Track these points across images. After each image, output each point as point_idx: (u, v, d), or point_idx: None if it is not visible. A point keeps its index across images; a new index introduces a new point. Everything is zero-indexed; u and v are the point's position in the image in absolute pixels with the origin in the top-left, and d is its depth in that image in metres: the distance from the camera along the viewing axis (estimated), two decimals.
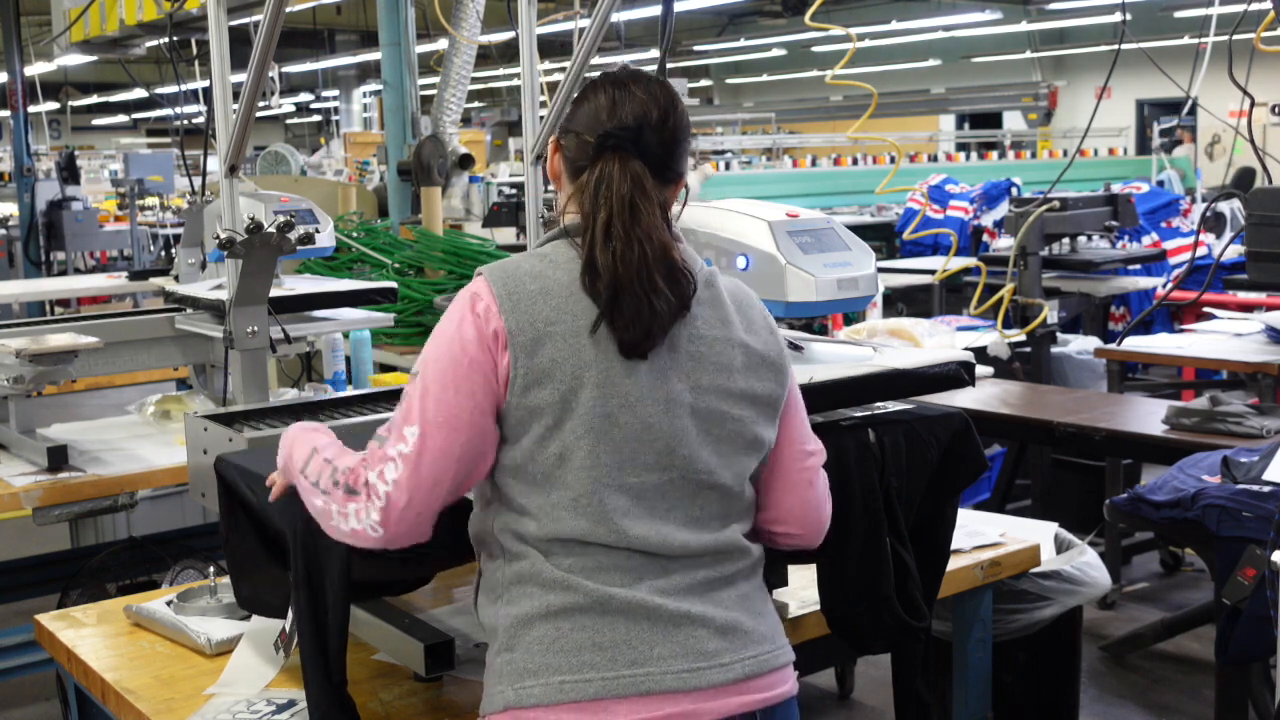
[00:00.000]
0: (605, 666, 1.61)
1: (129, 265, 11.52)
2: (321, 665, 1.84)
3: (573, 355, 1.65)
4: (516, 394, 1.65)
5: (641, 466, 1.67)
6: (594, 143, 1.74)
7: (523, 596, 1.67)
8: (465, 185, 6.37)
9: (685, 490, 1.70)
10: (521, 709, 1.62)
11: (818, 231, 2.37)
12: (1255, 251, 5.19)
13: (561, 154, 1.82)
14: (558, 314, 1.66)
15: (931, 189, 9.47)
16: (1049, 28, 19.78)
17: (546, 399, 1.64)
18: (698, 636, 1.66)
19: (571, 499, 1.64)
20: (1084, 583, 3.27)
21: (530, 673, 1.62)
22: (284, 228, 2.67)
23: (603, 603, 1.63)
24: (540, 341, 1.65)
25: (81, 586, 3.78)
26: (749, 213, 2.37)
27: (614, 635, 1.62)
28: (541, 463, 1.65)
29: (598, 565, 1.65)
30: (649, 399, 1.67)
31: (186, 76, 5.22)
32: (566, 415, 1.64)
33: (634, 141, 1.74)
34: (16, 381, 3.34)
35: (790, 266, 2.27)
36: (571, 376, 1.64)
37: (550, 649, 1.63)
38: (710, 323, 1.74)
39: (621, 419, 1.65)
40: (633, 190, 1.71)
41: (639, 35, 14.98)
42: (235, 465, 2.11)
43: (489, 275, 1.70)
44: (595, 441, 1.64)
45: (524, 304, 1.66)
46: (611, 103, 1.76)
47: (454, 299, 1.72)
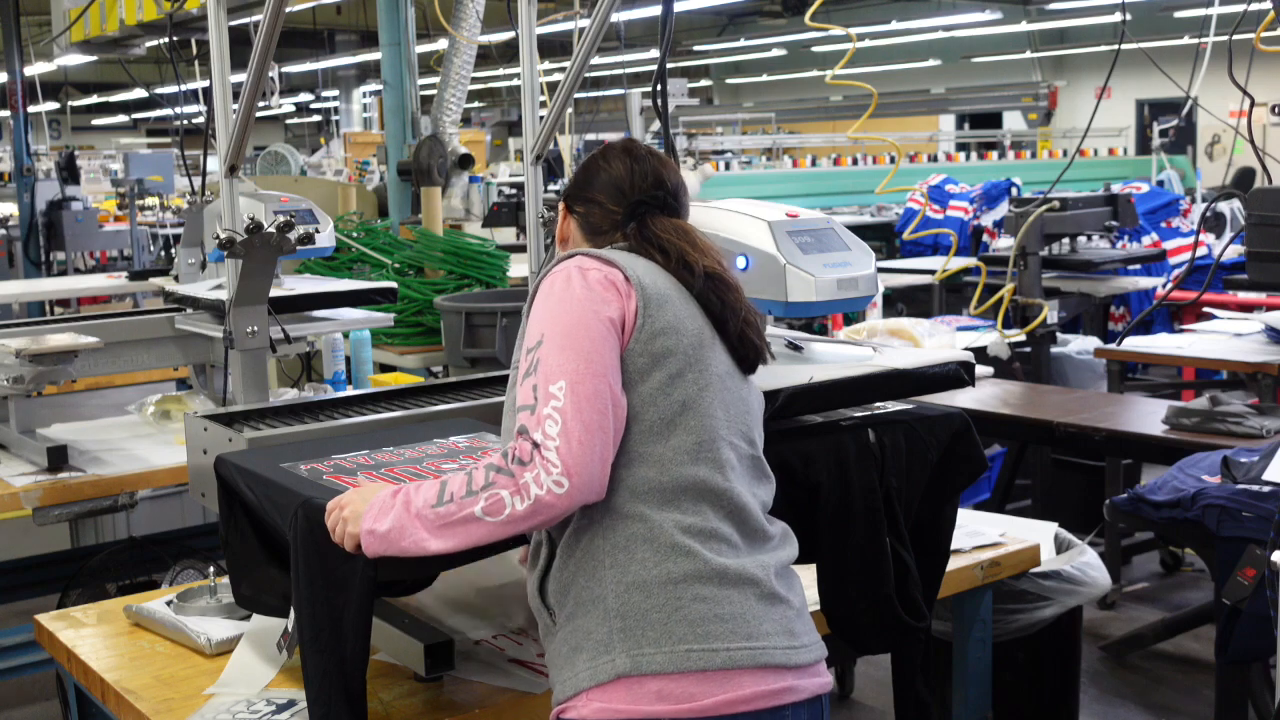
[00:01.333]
0: (729, 638, 1.63)
1: (129, 265, 11.51)
2: (324, 667, 1.83)
3: (690, 320, 1.76)
4: (642, 340, 1.72)
5: (738, 435, 1.78)
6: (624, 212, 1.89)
7: (634, 562, 1.65)
8: (465, 185, 6.37)
9: (757, 473, 1.82)
10: (640, 676, 1.60)
11: (818, 232, 2.37)
12: (1255, 251, 5.19)
13: (577, 220, 1.95)
14: (668, 291, 1.77)
15: (931, 189, 9.46)
16: (1049, 28, 19.78)
17: (672, 347, 1.72)
18: (788, 616, 1.72)
19: (695, 444, 1.71)
20: (1084, 583, 3.27)
21: (651, 640, 1.61)
22: (284, 228, 2.67)
23: (720, 573, 1.66)
24: (665, 300, 1.75)
25: (81, 586, 3.77)
26: (749, 213, 2.37)
27: (732, 608, 1.65)
28: (664, 408, 1.70)
29: (711, 531, 1.69)
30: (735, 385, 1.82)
31: (186, 76, 5.23)
32: (689, 368, 1.73)
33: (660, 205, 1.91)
34: (16, 381, 3.34)
35: (790, 267, 2.28)
36: (693, 334, 1.75)
37: (673, 617, 1.62)
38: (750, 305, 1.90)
39: (730, 384, 1.78)
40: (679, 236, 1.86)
41: (639, 35, 14.98)
42: (235, 465, 2.10)
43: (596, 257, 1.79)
44: (715, 396, 1.74)
45: (638, 272, 1.76)
46: (629, 172, 1.91)
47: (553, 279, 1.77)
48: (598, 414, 1.63)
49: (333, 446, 2.24)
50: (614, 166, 1.92)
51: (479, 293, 5.27)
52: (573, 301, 1.71)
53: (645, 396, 1.70)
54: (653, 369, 1.71)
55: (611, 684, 1.62)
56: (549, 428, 1.61)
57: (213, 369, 4.02)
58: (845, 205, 11.30)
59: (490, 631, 2.28)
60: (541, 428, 1.62)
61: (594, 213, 1.92)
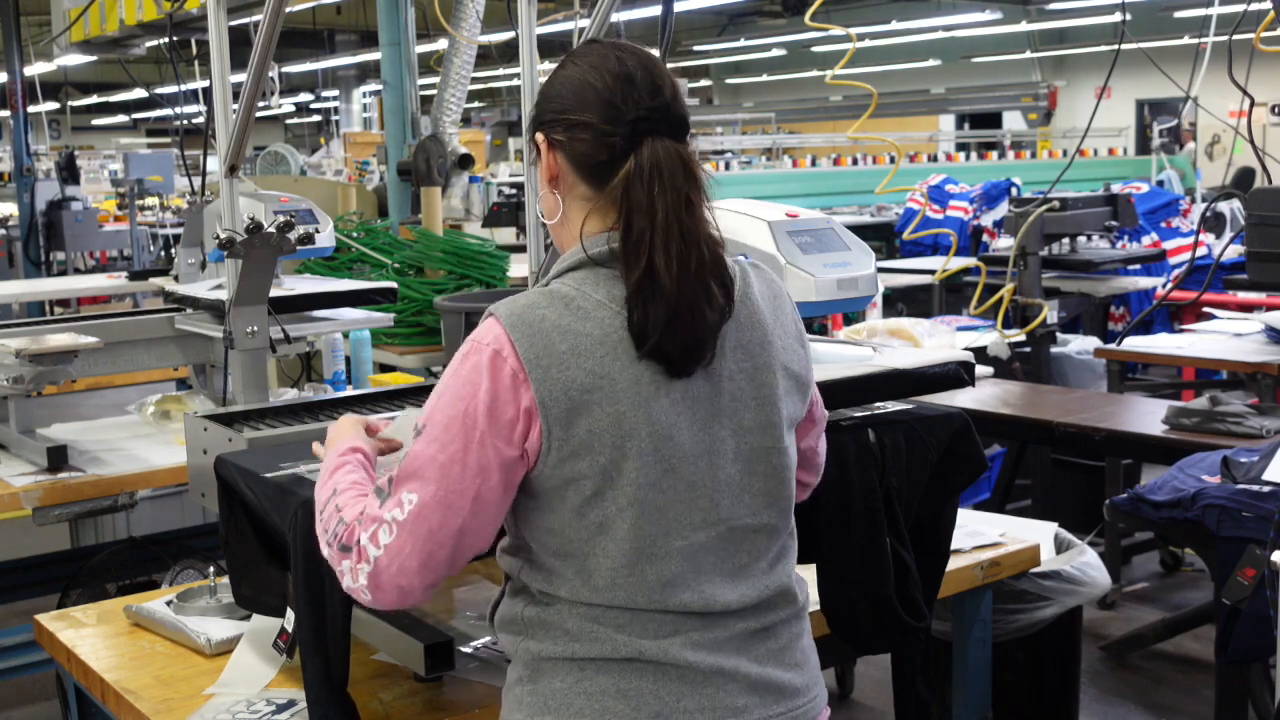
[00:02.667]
0: (628, 716, 1.53)
1: (129, 265, 11.52)
2: (322, 667, 1.83)
3: (613, 425, 1.49)
4: (551, 465, 1.50)
5: (687, 527, 1.55)
6: (620, 131, 1.53)
7: (547, 637, 1.57)
8: (465, 185, 6.37)
9: (731, 540, 1.59)
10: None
11: (817, 231, 2.37)
12: (1255, 251, 5.19)
13: (562, 151, 1.58)
14: (593, 379, 1.49)
15: (931, 189, 9.46)
16: (1049, 28, 19.78)
17: (585, 470, 1.50)
18: (728, 691, 1.57)
19: (610, 569, 1.52)
20: (1084, 583, 3.27)
21: (550, 709, 1.55)
22: (284, 228, 2.67)
23: (631, 658, 1.54)
24: (576, 412, 1.49)
25: (81, 586, 3.77)
26: (749, 213, 2.37)
27: (640, 685, 1.53)
28: (579, 531, 1.52)
29: (630, 621, 1.54)
30: (693, 455, 1.54)
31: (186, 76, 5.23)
32: (607, 486, 1.50)
33: (665, 120, 1.54)
34: (16, 381, 3.34)
35: (790, 267, 2.27)
36: (612, 447, 1.49)
37: (573, 690, 1.54)
38: (751, 349, 1.59)
39: (665, 484, 1.52)
40: (686, 182, 1.52)
41: (639, 35, 14.96)
42: (235, 465, 2.11)
43: (510, 330, 1.50)
44: (639, 513, 1.51)
45: (555, 369, 1.48)
46: (616, 79, 1.55)
47: (466, 346, 1.53)
48: (432, 546, 1.50)
49: None
50: (590, 73, 1.55)
51: (479, 293, 5.27)
52: (467, 409, 1.49)
53: (561, 519, 1.53)
54: (565, 492, 1.51)
55: None
56: (381, 535, 1.50)
57: (213, 369, 4.02)
58: (845, 205, 11.30)
59: (491, 633, 2.28)
60: (372, 529, 1.51)
61: (581, 139, 1.55)
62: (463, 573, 2.54)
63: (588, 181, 1.57)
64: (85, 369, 3.65)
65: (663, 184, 1.51)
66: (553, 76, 1.61)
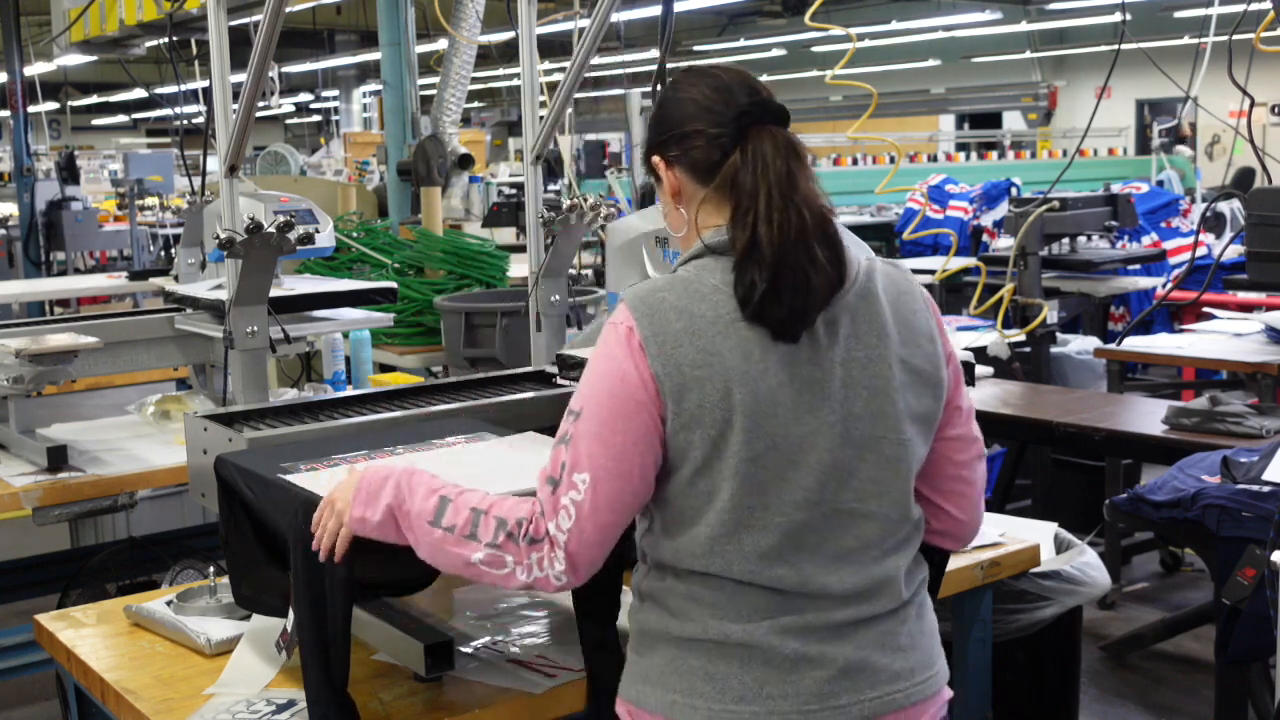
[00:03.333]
0: (714, 697, 1.63)
1: (129, 265, 11.52)
2: (322, 667, 1.84)
3: (720, 401, 1.59)
4: (669, 435, 1.62)
5: (788, 504, 1.62)
6: (727, 129, 1.66)
7: (652, 611, 1.70)
8: (465, 185, 6.37)
9: (835, 524, 1.65)
10: (641, 710, 1.69)
11: None
12: (1255, 251, 5.19)
13: (679, 167, 1.71)
14: (704, 356, 1.59)
15: (931, 189, 9.47)
16: (1049, 28, 19.79)
17: (696, 441, 1.60)
18: (815, 678, 1.64)
19: (710, 537, 1.62)
20: (1084, 583, 3.27)
21: (649, 681, 1.68)
22: (284, 228, 2.67)
23: (719, 642, 1.64)
24: (687, 387, 1.60)
25: (81, 586, 3.77)
26: None
27: (726, 669, 1.63)
28: (690, 499, 1.63)
29: (726, 599, 1.64)
30: (796, 436, 1.61)
31: (186, 76, 5.22)
32: (715, 457, 1.61)
33: (766, 110, 1.67)
34: (16, 381, 3.34)
35: None
36: (719, 421, 1.59)
37: (668, 668, 1.67)
38: (866, 340, 1.66)
39: (767, 460, 1.61)
40: (788, 159, 1.64)
41: (639, 35, 14.97)
42: (235, 465, 2.11)
43: (634, 310, 1.63)
44: (740, 484, 1.60)
45: (669, 346, 1.60)
46: (714, 90, 1.69)
47: (605, 329, 1.67)
48: (613, 514, 1.63)
49: (333, 446, 2.25)
50: (692, 92, 1.69)
51: (479, 293, 5.28)
52: (614, 383, 1.62)
53: (676, 487, 1.64)
54: (681, 462, 1.63)
55: (623, 703, 1.73)
56: (563, 520, 1.62)
57: (213, 369, 4.02)
58: (845, 205, 11.31)
59: (490, 632, 2.28)
60: (556, 518, 1.63)
61: (695, 146, 1.68)
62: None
63: (704, 185, 1.70)
64: (85, 369, 3.65)
65: (765, 163, 1.63)
66: (656, 108, 1.77)
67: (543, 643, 2.24)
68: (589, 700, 2.03)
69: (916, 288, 1.76)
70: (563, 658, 2.15)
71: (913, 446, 1.70)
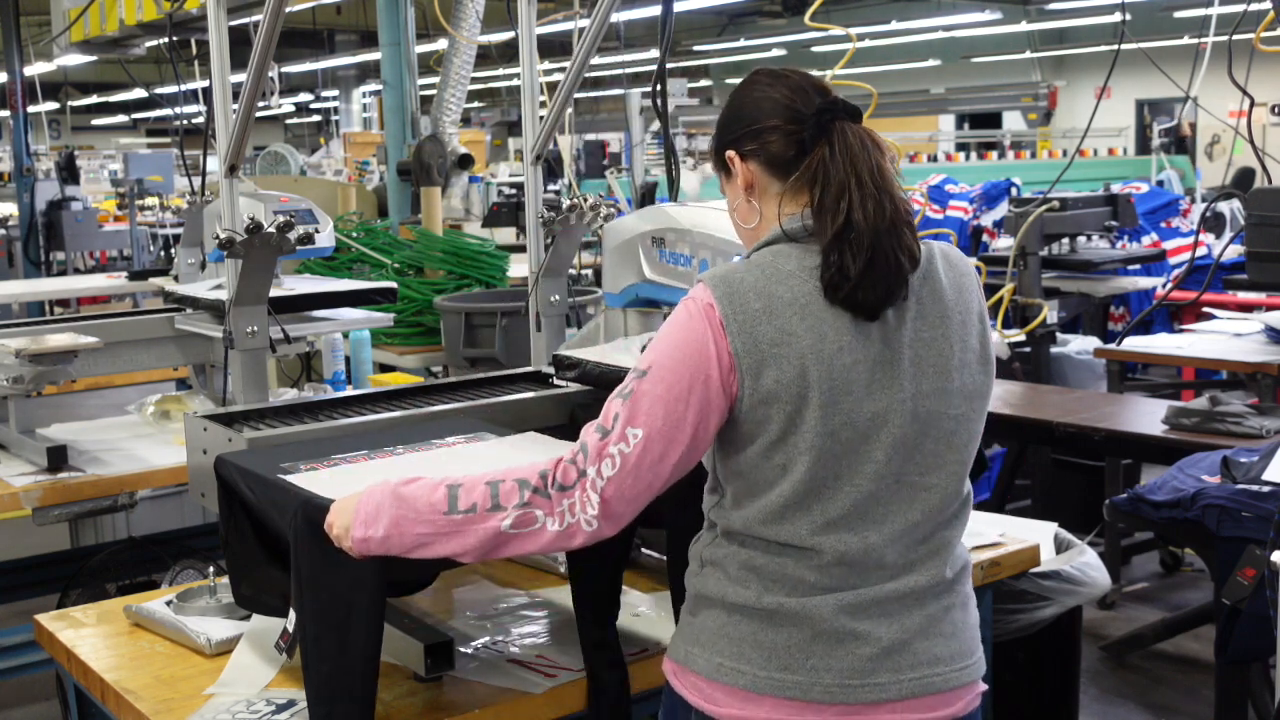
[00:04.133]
0: (759, 664, 1.69)
1: (129, 265, 11.52)
2: (345, 676, 1.83)
3: (797, 378, 1.64)
4: (743, 411, 1.66)
5: (859, 476, 1.68)
6: (808, 123, 1.71)
7: (710, 577, 1.75)
8: (465, 185, 6.38)
9: (900, 495, 1.72)
10: (687, 670, 1.75)
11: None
12: (1255, 251, 5.19)
13: (755, 159, 1.77)
14: (781, 335, 1.65)
15: (931, 189, 9.45)
16: (1049, 28, 19.79)
17: (772, 416, 1.66)
18: (859, 655, 1.69)
19: (782, 505, 1.68)
20: (1084, 583, 3.27)
21: (699, 643, 1.74)
22: (284, 228, 2.67)
23: (772, 611, 1.70)
24: (764, 364, 1.65)
25: (81, 586, 3.77)
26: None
27: (774, 638, 1.69)
28: (764, 471, 1.69)
29: (783, 573, 1.70)
30: (869, 412, 1.67)
31: (186, 76, 5.22)
32: (791, 432, 1.66)
33: (844, 109, 1.73)
34: (16, 381, 3.34)
35: None
36: (796, 397, 1.65)
37: (718, 632, 1.72)
38: (931, 320, 1.73)
39: (843, 435, 1.67)
40: (876, 151, 1.71)
41: (639, 35, 14.97)
42: (235, 465, 2.10)
43: (714, 289, 1.67)
44: (815, 458, 1.66)
45: (748, 324, 1.65)
46: (790, 90, 1.75)
47: (680, 305, 1.71)
48: (655, 478, 1.67)
49: (333, 446, 2.25)
50: (768, 91, 1.76)
51: (479, 293, 5.28)
52: (689, 351, 1.66)
53: (750, 459, 1.69)
54: (757, 435, 1.67)
55: (673, 664, 1.79)
56: (605, 468, 1.65)
57: (213, 369, 4.02)
58: None
59: (490, 632, 2.28)
60: (599, 464, 1.66)
61: (772, 141, 1.74)
62: (463, 572, 2.55)
63: (780, 178, 1.76)
64: (85, 369, 3.65)
65: (855, 153, 1.69)
66: (727, 107, 1.81)
67: (543, 643, 2.24)
68: (589, 700, 2.03)
69: (970, 268, 1.83)
70: (563, 658, 2.15)
71: (968, 422, 1.78)
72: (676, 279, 2.51)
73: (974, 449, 1.81)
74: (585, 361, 2.49)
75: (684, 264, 2.46)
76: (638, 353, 2.36)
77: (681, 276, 2.49)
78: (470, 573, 2.58)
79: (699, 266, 2.40)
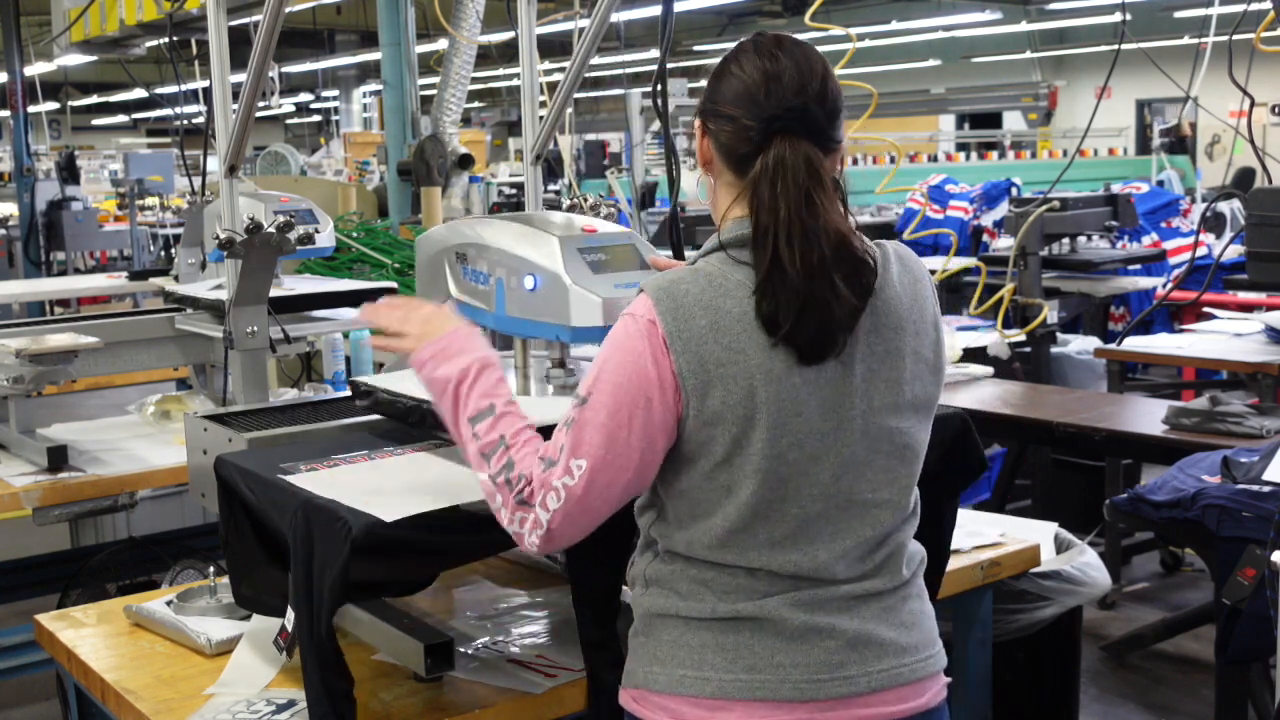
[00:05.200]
0: (724, 668, 1.65)
1: (129, 265, 11.52)
2: (318, 668, 1.83)
3: (745, 399, 1.60)
4: (687, 432, 1.62)
5: (806, 497, 1.64)
6: (756, 127, 1.62)
7: (661, 595, 1.71)
8: (465, 185, 6.37)
9: (850, 513, 1.68)
10: (649, 691, 1.70)
11: (616, 249, 2.14)
12: (1255, 251, 5.19)
13: (713, 139, 1.70)
14: (728, 354, 1.60)
15: (931, 189, 9.45)
16: (1049, 28, 19.79)
17: (717, 438, 1.61)
18: (825, 648, 1.66)
19: (726, 529, 1.64)
20: (1084, 583, 3.27)
21: (658, 660, 1.69)
22: (284, 228, 2.67)
23: (729, 619, 1.67)
24: (710, 384, 1.60)
25: (81, 586, 3.77)
26: (543, 228, 2.16)
27: (737, 640, 1.66)
28: (708, 492, 1.64)
29: (735, 585, 1.66)
30: (819, 432, 1.63)
31: (186, 76, 5.22)
32: (736, 453, 1.62)
33: (800, 120, 1.63)
34: (16, 381, 3.34)
35: (575, 288, 2.04)
36: (743, 419, 1.60)
37: (676, 644, 1.68)
38: (884, 333, 1.67)
39: (790, 456, 1.62)
40: (809, 180, 1.61)
41: (639, 35, 14.98)
42: (235, 465, 2.11)
43: (656, 303, 1.61)
44: (761, 480, 1.62)
45: (694, 343, 1.60)
46: (765, 76, 1.64)
47: (621, 319, 1.65)
48: (602, 503, 1.63)
49: (333, 446, 2.25)
50: (746, 69, 1.66)
51: None
52: (629, 376, 1.60)
53: (692, 480, 1.65)
54: (699, 457, 1.63)
55: (634, 690, 1.74)
56: (550, 500, 1.62)
57: (213, 369, 4.02)
58: None
59: (490, 632, 2.28)
60: (544, 495, 1.62)
61: (726, 130, 1.66)
62: (462, 572, 2.55)
63: (733, 170, 1.68)
64: (85, 369, 3.65)
65: (785, 182, 1.60)
66: (718, 67, 1.73)
67: (543, 643, 2.24)
68: (589, 700, 2.03)
69: (925, 273, 1.77)
70: (563, 658, 2.15)
71: (919, 433, 1.73)
72: (478, 298, 2.24)
73: (922, 460, 1.75)
74: (375, 389, 2.27)
75: (483, 282, 2.22)
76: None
77: (482, 296, 2.22)
78: (470, 572, 2.58)
79: (495, 286, 2.18)
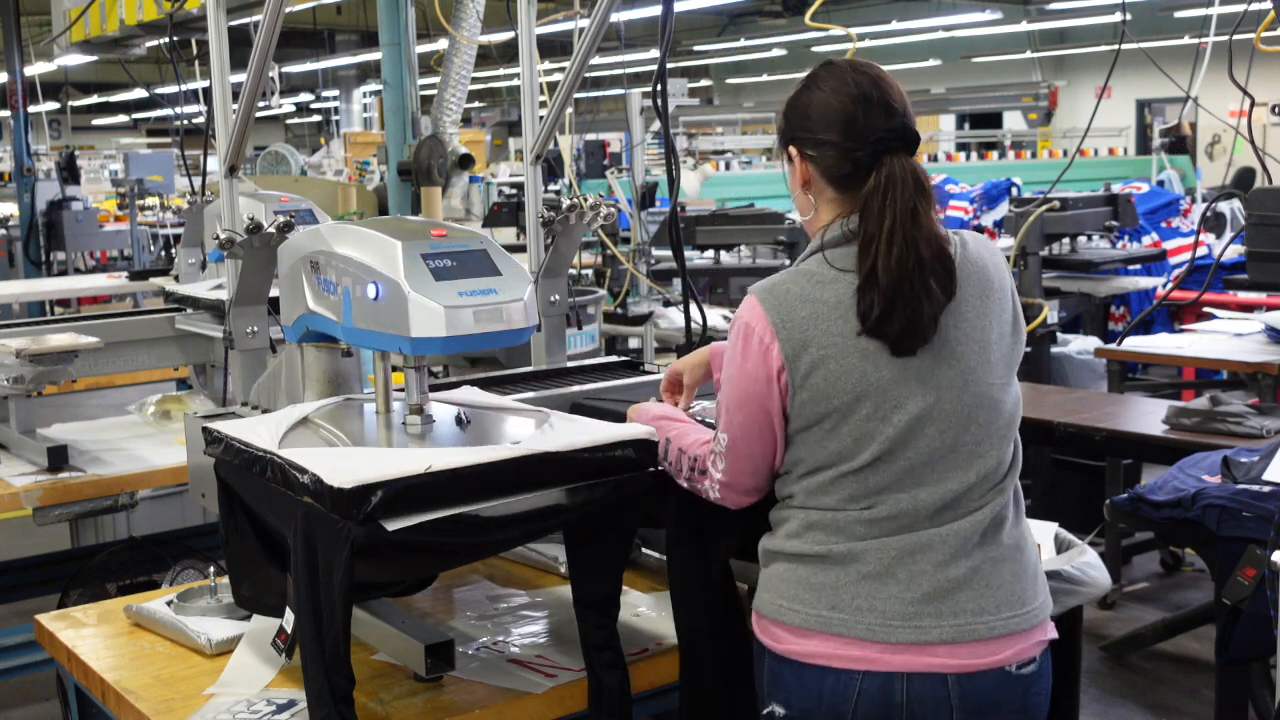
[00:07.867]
0: (810, 603, 1.86)
1: (129, 265, 11.52)
2: (322, 669, 1.83)
3: (845, 375, 1.82)
4: (796, 407, 1.85)
5: (913, 451, 1.83)
6: (863, 149, 1.83)
7: (777, 534, 1.94)
8: (465, 185, 6.36)
9: (956, 462, 1.85)
10: (759, 614, 1.94)
11: (462, 254, 2.04)
12: (1255, 251, 5.20)
13: (812, 164, 1.90)
14: (828, 338, 1.82)
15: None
16: (1049, 28, 19.79)
17: (824, 411, 1.84)
18: (902, 598, 1.83)
19: (835, 479, 1.85)
20: (1084, 583, 3.26)
21: (767, 588, 1.93)
22: (284, 228, 2.66)
23: (823, 556, 1.86)
24: (815, 366, 1.83)
25: (81, 586, 3.77)
26: (389, 234, 2.05)
27: (824, 578, 1.86)
28: (821, 454, 1.86)
29: (836, 524, 1.86)
30: (918, 395, 1.82)
31: (186, 76, 5.23)
32: (843, 423, 1.84)
33: (901, 137, 1.85)
34: (16, 381, 3.34)
35: (414, 296, 1.95)
36: (847, 393, 1.82)
37: (780, 578, 1.91)
38: (972, 301, 1.86)
39: (895, 418, 1.83)
40: (915, 194, 1.81)
41: (639, 35, 14.97)
42: (235, 466, 2.10)
43: (761, 301, 1.86)
44: (870, 442, 1.83)
45: (796, 330, 1.83)
46: (854, 101, 1.85)
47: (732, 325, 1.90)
48: (749, 464, 1.92)
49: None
50: (832, 97, 1.87)
51: None
52: (741, 373, 1.88)
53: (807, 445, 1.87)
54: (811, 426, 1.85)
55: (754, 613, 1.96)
56: (717, 463, 1.95)
57: (213, 369, 4.02)
58: None
59: (490, 632, 2.28)
60: (713, 461, 1.96)
61: (828, 155, 1.88)
62: (462, 572, 2.55)
63: (834, 187, 1.90)
64: (85, 369, 3.65)
65: (894, 196, 1.81)
66: (798, 96, 1.93)
67: (543, 643, 2.24)
68: (589, 700, 2.03)
69: (997, 250, 1.97)
70: (563, 658, 2.15)
71: (1010, 389, 1.92)
72: (329, 309, 2.13)
73: (1019, 412, 1.93)
74: (226, 437, 2.08)
75: (332, 292, 2.11)
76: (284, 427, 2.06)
77: (332, 306, 2.11)
78: (470, 572, 2.58)
79: (343, 296, 2.07)
